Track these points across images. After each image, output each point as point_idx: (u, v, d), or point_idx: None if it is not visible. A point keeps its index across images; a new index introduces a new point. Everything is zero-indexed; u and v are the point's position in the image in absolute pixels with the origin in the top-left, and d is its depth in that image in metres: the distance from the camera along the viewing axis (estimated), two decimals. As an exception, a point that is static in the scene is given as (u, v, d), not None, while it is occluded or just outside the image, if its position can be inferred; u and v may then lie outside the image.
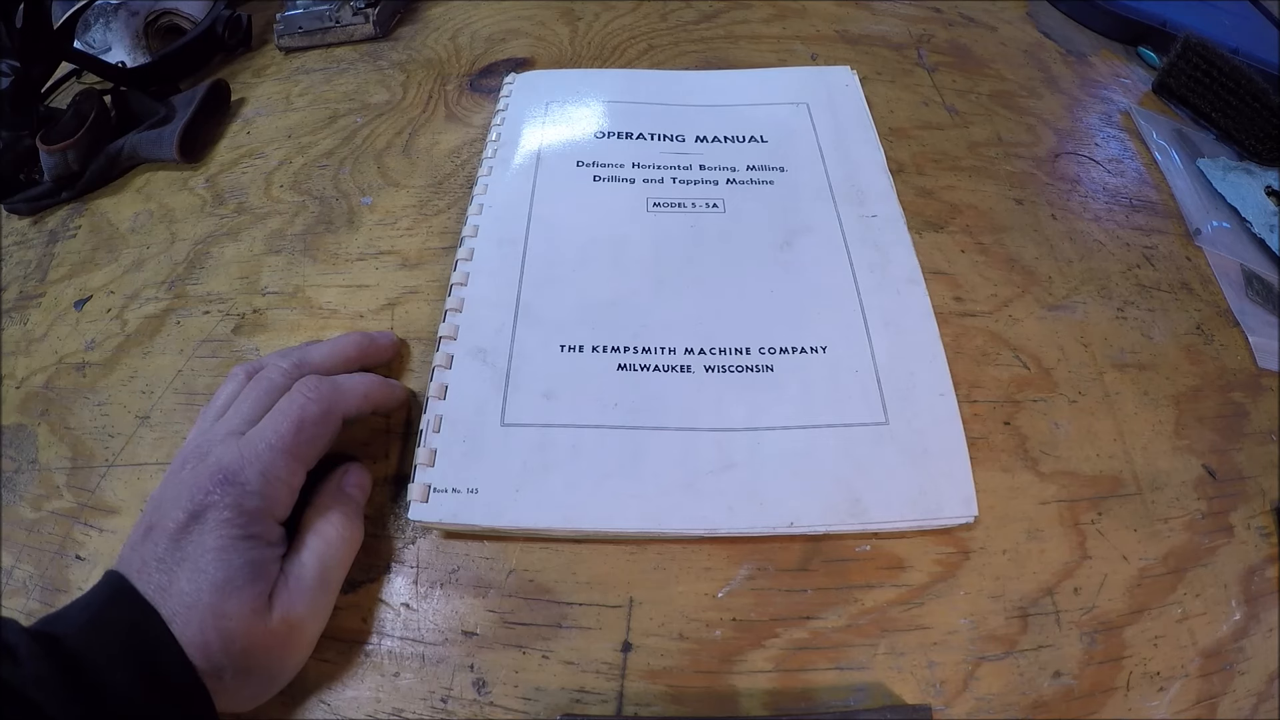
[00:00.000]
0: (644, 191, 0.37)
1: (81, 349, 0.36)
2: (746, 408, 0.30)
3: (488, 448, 0.29)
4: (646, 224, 0.36)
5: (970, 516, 0.27)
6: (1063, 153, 0.41)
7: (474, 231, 0.35)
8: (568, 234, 0.35)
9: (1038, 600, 0.27)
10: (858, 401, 0.30)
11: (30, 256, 0.42)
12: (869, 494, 0.28)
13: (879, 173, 0.38)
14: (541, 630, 0.27)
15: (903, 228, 0.36)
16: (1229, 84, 0.43)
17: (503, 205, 0.36)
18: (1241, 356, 0.34)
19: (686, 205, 0.36)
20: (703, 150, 0.39)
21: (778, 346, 0.31)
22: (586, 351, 0.31)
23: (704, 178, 0.38)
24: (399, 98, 0.44)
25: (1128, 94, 0.46)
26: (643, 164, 0.38)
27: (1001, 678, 0.26)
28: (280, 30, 0.49)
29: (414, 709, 0.26)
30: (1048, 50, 0.48)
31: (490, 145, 0.40)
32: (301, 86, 0.47)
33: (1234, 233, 0.39)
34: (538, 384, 0.30)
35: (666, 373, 0.31)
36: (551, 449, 0.28)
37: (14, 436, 0.35)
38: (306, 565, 0.25)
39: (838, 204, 0.37)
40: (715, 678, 0.26)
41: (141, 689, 0.21)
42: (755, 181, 0.38)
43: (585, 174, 0.38)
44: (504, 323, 0.32)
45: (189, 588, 0.23)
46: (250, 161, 0.43)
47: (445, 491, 0.28)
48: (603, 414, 0.29)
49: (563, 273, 0.34)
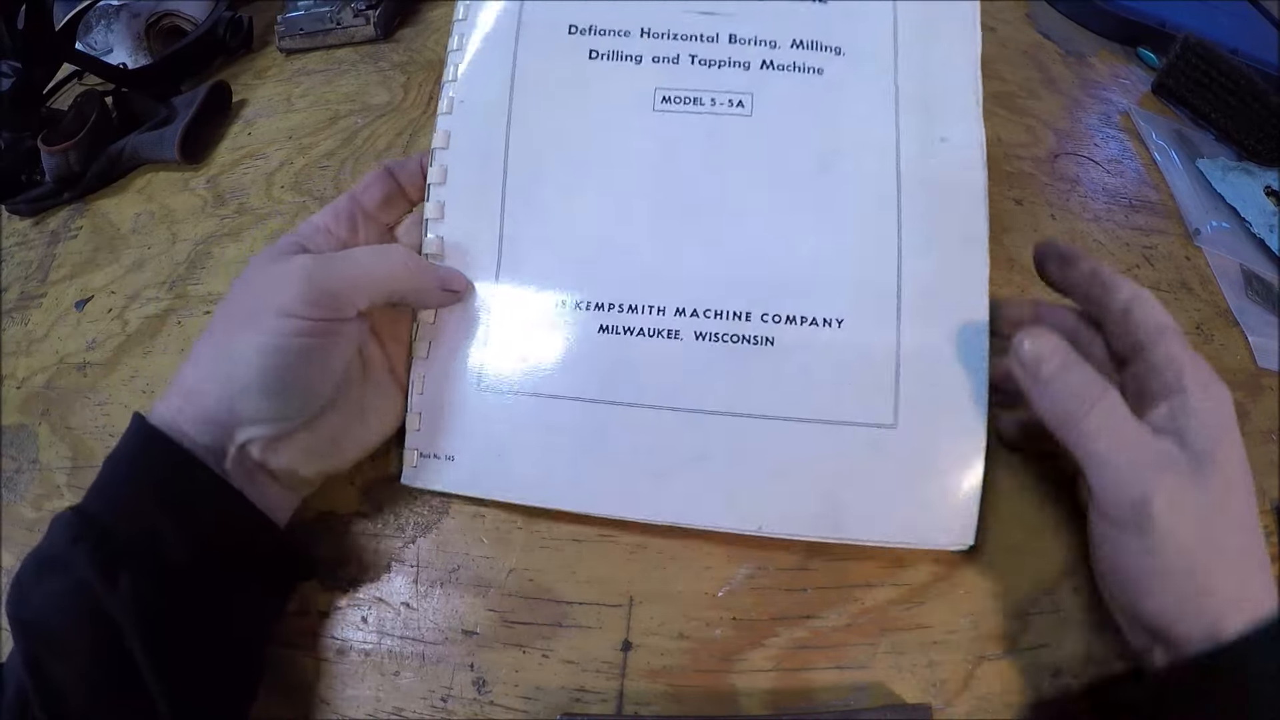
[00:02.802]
0: (652, 77, 0.29)
1: (82, 349, 0.37)
2: (733, 388, 0.26)
3: (465, 413, 0.28)
4: (651, 129, 0.29)
5: (965, 545, 0.25)
6: (1062, 153, 0.41)
7: (445, 141, 0.29)
8: (555, 143, 0.29)
9: (1038, 599, 0.27)
10: (865, 395, 0.26)
11: (31, 257, 0.42)
12: (853, 506, 0.25)
13: (967, 74, 0.28)
14: (541, 629, 0.27)
15: (979, 162, 0.28)
16: (1228, 84, 0.43)
17: (478, 102, 0.30)
18: (1241, 356, 0.34)
19: (704, 102, 0.29)
20: (737, 9, 0.29)
21: (784, 314, 0.27)
22: (569, 308, 0.28)
23: (732, 56, 0.29)
24: (400, 99, 0.44)
25: (1127, 94, 0.46)
26: (654, 31, 0.29)
27: (1001, 677, 0.26)
28: (281, 32, 0.49)
29: (414, 708, 0.26)
30: (1047, 51, 0.48)
31: (461, 3, 0.31)
32: (302, 88, 0.47)
33: (1233, 233, 0.39)
34: (515, 345, 0.28)
35: (651, 338, 0.27)
36: (524, 421, 0.27)
37: (15, 436, 0.35)
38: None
39: (900, 114, 0.28)
40: (715, 677, 0.26)
41: (154, 501, 0.23)
42: (798, 68, 0.29)
43: (579, 47, 0.29)
44: (486, 268, 0.28)
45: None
46: (251, 162, 0.43)
47: (429, 457, 0.28)
48: (578, 384, 0.27)
49: (549, 200, 0.29)
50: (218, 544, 0.23)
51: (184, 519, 0.23)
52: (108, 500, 0.23)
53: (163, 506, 0.23)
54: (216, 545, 0.23)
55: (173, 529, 0.22)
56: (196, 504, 0.23)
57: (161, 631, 0.22)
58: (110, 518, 0.22)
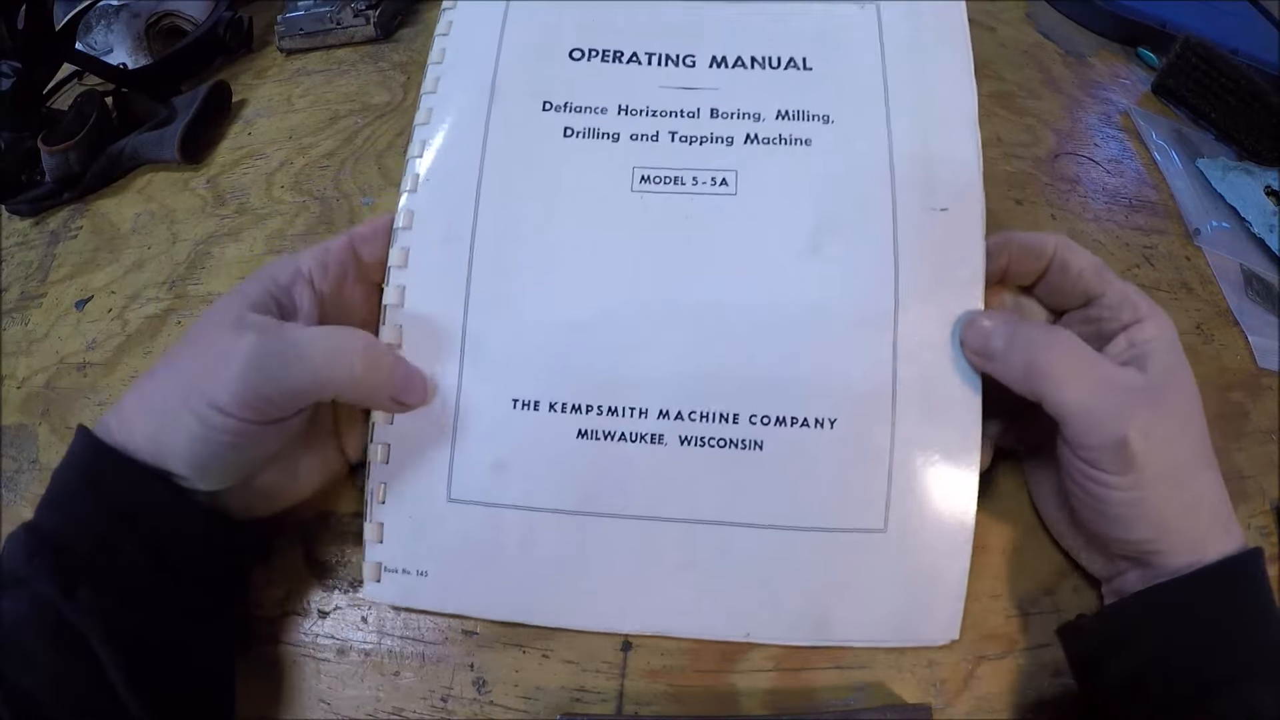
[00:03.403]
0: (630, 156, 0.27)
1: (83, 349, 0.37)
2: (721, 495, 0.25)
3: (435, 526, 0.25)
4: (630, 212, 0.27)
5: (949, 640, 0.25)
6: (1062, 153, 0.41)
7: (408, 220, 0.27)
8: (527, 226, 0.27)
9: (1038, 600, 0.27)
10: (856, 501, 0.25)
11: (31, 257, 0.42)
12: (840, 612, 0.25)
13: (965, 133, 0.27)
14: (542, 629, 0.27)
15: (978, 233, 0.26)
16: (1229, 84, 0.43)
17: (444, 176, 0.27)
18: (1241, 356, 0.34)
19: (685, 181, 0.27)
20: (718, 81, 0.28)
21: (774, 415, 0.25)
22: (543, 410, 0.25)
23: (714, 131, 0.27)
24: (400, 99, 0.44)
25: (1127, 94, 0.46)
26: (633, 108, 0.28)
27: (1001, 678, 0.26)
28: (281, 32, 0.49)
29: (414, 708, 0.26)
30: (1047, 51, 0.48)
31: (430, 71, 0.29)
32: (303, 88, 0.47)
33: (1233, 233, 0.39)
34: (487, 450, 0.25)
35: (635, 442, 0.25)
36: (500, 535, 0.25)
37: (15, 436, 0.35)
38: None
39: (896, 184, 0.26)
40: (715, 677, 0.26)
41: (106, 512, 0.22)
42: (785, 140, 0.27)
43: (554, 124, 0.28)
44: (448, 365, 0.26)
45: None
46: (251, 162, 0.43)
47: (396, 572, 0.25)
48: (557, 495, 0.25)
49: (518, 288, 0.26)
50: (176, 550, 0.23)
51: (140, 530, 0.23)
52: (62, 515, 0.23)
53: (117, 519, 0.22)
54: (175, 551, 0.23)
55: (130, 541, 0.22)
56: (151, 514, 0.23)
57: (128, 635, 0.22)
58: (65, 533, 0.22)
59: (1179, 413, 0.23)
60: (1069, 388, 0.22)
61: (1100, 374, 0.23)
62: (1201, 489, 0.23)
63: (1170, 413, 0.23)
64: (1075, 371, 0.23)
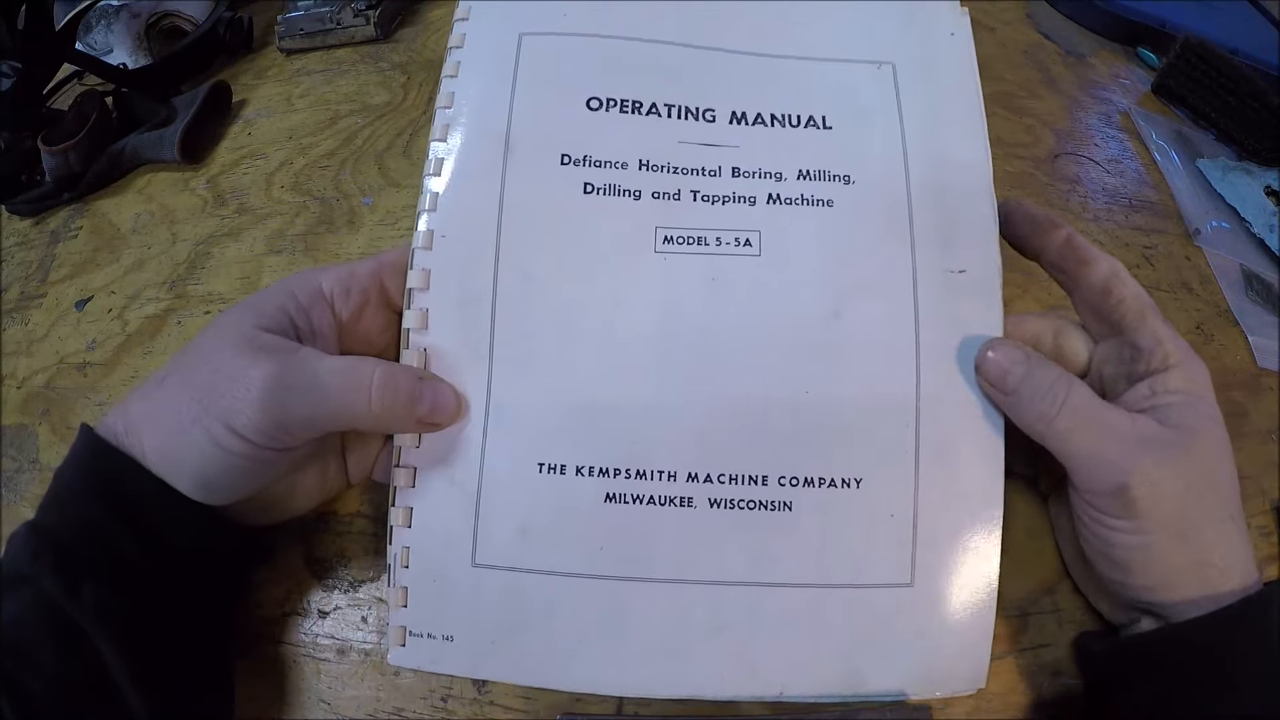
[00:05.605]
0: (653, 215, 0.26)
1: (83, 349, 0.37)
2: (751, 557, 0.25)
3: (460, 591, 0.25)
4: (652, 274, 0.26)
5: (978, 688, 0.24)
6: (1062, 153, 0.41)
7: (424, 281, 0.26)
8: (549, 287, 0.26)
9: (1038, 600, 0.27)
10: (882, 557, 0.25)
11: (32, 257, 0.42)
12: (871, 666, 0.24)
13: (981, 192, 0.27)
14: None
15: (996, 294, 0.26)
16: (1228, 84, 0.43)
17: (461, 236, 0.26)
18: (1241, 356, 0.34)
19: (709, 243, 0.26)
20: (738, 139, 0.27)
21: (802, 477, 0.25)
22: (569, 474, 0.25)
23: (736, 191, 0.27)
24: (400, 99, 0.45)
25: (1127, 95, 0.46)
26: (654, 163, 0.27)
27: (1001, 678, 0.26)
28: (281, 32, 0.49)
29: (414, 708, 0.26)
30: (1047, 51, 0.48)
31: (439, 117, 0.27)
32: (302, 88, 0.47)
33: (1233, 233, 0.39)
34: (512, 515, 0.25)
35: (663, 506, 0.25)
36: (526, 601, 0.24)
37: (15, 436, 0.35)
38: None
39: (916, 245, 0.26)
40: (715, 677, 0.26)
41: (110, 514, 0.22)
42: (807, 200, 0.27)
43: (573, 180, 0.27)
44: (473, 433, 0.25)
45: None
46: (251, 162, 0.43)
47: (421, 636, 0.25)
48: (584, 560, 0.25)
49: (542, 351, 0.25)
50: (178, 550, 0.23)
51: (142, 530, 0.23)
52: (64, 515, 0.23)
53: (120, 518, 0.22)
54: (176, 551, 0.23)
55: (132, 540, 0.22)
56: (153, 514, 0.23)
57: (132, 633, 0.22)
58: (68, 532, 0.22)
59: (1200, 465, 0.22)
60: (1073, 439, 0.23)
61: (1106, 423, 0.23)
62: (1216, 540, 0.22)
63: (1188, 464, 0.22)
64: (1081, 425, 0.23)
